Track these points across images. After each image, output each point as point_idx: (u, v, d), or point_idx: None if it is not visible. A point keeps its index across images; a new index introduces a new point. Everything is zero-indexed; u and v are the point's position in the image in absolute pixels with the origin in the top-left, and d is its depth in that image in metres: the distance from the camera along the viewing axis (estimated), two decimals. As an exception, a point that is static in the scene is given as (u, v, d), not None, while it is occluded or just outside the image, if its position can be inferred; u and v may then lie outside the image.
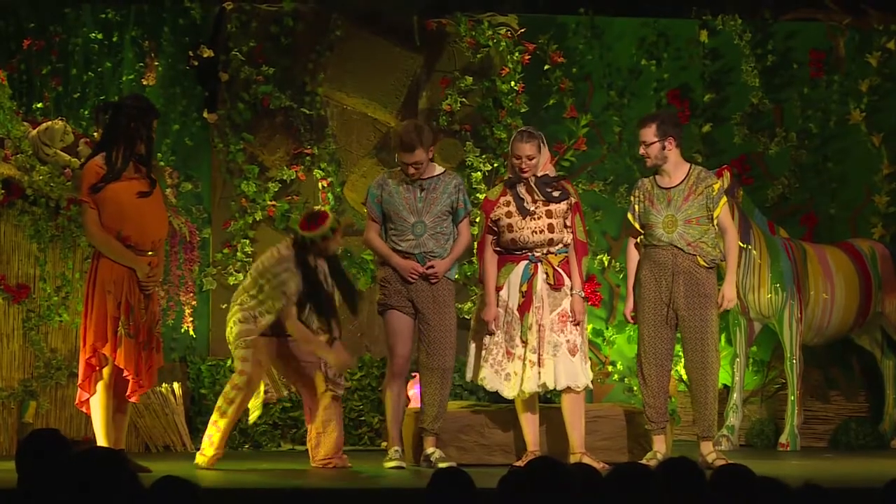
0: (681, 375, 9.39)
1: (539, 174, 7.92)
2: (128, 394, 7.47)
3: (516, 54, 9.85)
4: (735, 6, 10.18)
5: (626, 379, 9.75)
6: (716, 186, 8.01)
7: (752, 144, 10.18)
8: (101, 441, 7.41)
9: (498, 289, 7.93)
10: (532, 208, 7.89)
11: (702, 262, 7.95)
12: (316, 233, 7.83)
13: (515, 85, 9.83)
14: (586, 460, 7.53)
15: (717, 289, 8.03)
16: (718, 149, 10.13)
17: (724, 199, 8.06)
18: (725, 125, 10.17)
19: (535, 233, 7.88)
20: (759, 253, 9.52)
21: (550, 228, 7.87)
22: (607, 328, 9.93)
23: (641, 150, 8.06)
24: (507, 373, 7.90)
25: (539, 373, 7.80)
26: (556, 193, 7.90)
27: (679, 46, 10.18)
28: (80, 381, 7.44)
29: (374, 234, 8.08)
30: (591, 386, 8.00)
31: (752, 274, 9.51)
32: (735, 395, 9.57)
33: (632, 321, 8.12)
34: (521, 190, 7.94)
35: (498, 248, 7.98)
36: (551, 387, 7.82)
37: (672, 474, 4.31)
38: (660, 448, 7.98)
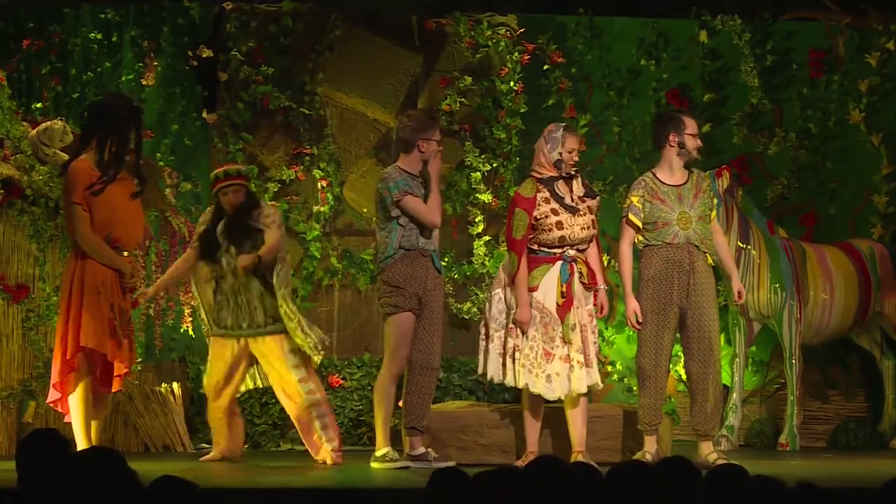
0: (681, 375, 9.39)
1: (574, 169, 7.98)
2: (113, 389, 7.53)
3: (515, 54, 9.86)
4: (734, 6, 10.19)
5: (625, 379, 9.75)
6: (710, 188, 8.18)
7: (751, 144, 10.18)
8: (81, 441, 7.39)
9: (531, 289, 7.88)
10: (578, 205, 7.91)
11: (710, 261, 8.03)
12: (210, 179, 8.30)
13: (515, 85, 9.83)
14: (581, 459, 7.53)
15: (716, 287, 8.08)
16: (718, 149, 10.13)
17: (716, 201, 8.21)
18: (725, 125, 10.17)
19: (584, 229, 7.89)
20: (758, 253, 9.53)
21: (594, 224, 7.92)
22: (606, 328, 9.92)
23: (698, 142, 8.12)
24: (549, 374, 7.81)
25: (588, 373, 7.81)
26: (593, 188, 8.05)
27: (678, 46, 10.19)
28: (55, 381, 7.43)
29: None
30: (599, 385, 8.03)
31: (752, 274, 9.51)
32: (734, 395, 9.58)
33: (636, 327, 8.05)
34: (559, 187, 7.91)
35: (532, 247, 7.92)
36: (600, 387, 7.92)
37: (669, 474, 4.32)
38: (650, 448, 7.98)
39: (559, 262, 7.84)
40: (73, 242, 7.47)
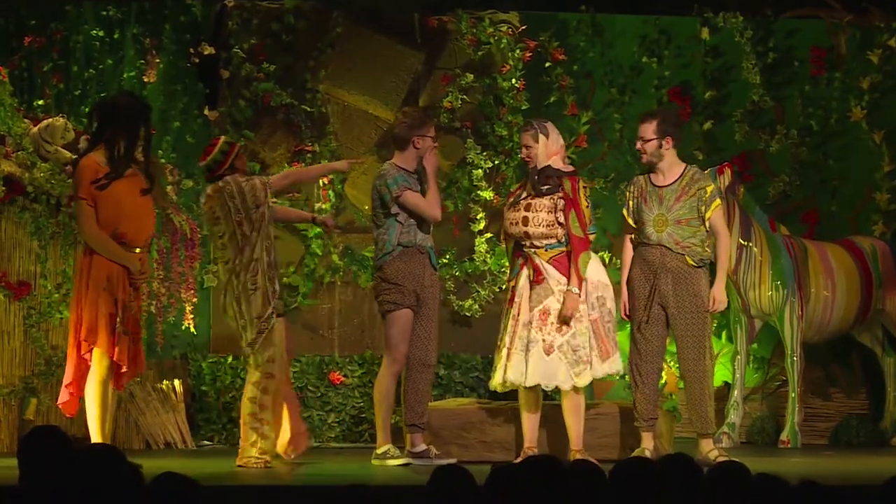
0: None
1: (542, 165, 7.92)
2: (114, 386, 7.52)
3: (517, 51, 9.86)
4: (736, 4, 10.19)
5: (626, 376, 9.74)
6: (709, 189, 7.98)
7: (752, 142, 10.18)
8: (96, 436, 7.40)
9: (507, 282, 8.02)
10: (520, 200, 7.91)
11: (690, 262, 7.93)
12: (208, 159, 7.84)
13: (516, 82, 9.84)
14: (578, 457, 7.51)
15: (707, 287, 8.01)
16: (719, 146, 10.14)
17: (718, 201, 8.01)
18: (726, 122, 10.17)
19: (512, 224, 7.90)
20: (759, 250, 9.53)
21: (525, 221, 7.85)
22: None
23: (638, 145, 8.06)
24: (496, 366, 7.94)
25: (506, 367, 7.82)
26: (544, 187, 7.89)
27: (680, 44, 10.19)
28: (67, 381, 7.40)
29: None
30: (567, 386, 7.82)
31: (753, 271, 9.51)
32: (736, 393, 9.58)
33: (625, 318, 8.10)
34: (531, 181, 7.97)
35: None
36: (517, 382, 7.79)
37: (671, 471, 4.32)
38: (647, 445, 7.98)
39: (520, 257, 7.91)
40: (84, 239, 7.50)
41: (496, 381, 7.92)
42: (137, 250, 7.52)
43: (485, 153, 9.85)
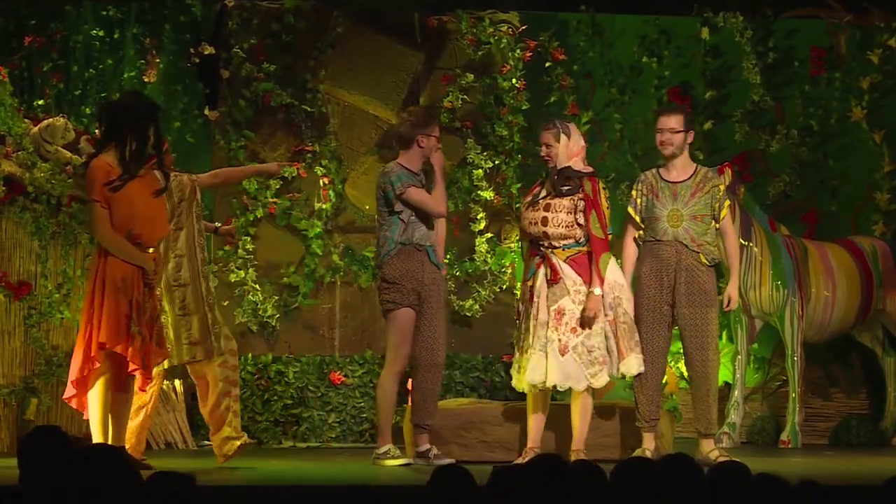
0: (682, 372, 9.39)
1: (563, 165, 7.91)
2: (139, 387, 7.47)
3: (517, 51, 9.86)
4: (736, 3, 10.19)
5: (627, 376, 9.74)
6: (721, 188, 8.02)
7: (753, 142, 10.18)
8: (97, 437, 7.40)
9: (524, 282, 7.99)
10: (539, 200, 7.90)
11: (704, 260, 7.93)
12: None
13: (517, 82, 9.84)
14: (578, 458, 7.50)
15: (716, 287, 8.03)
16: (719, 146, 10.14)
17: (728, 202, 8.04)
18: (726, 122, 10.18)
19: (531, 224, 7.89)
20: (760, 250, 9.53)
21: (544, 221, 7.85)
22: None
23: (665, 137, 7.95)
24: (519, 366, 7.90)
25: (533, 369, 7.82)
26: (564, 188, 7.88)
27: (680, 44, 10.19)
28: (72, 378, 7.41)
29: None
30: (581, 387, 7.82)
31: (754, 271, 9.51)
32: (736, 393, 9.58)
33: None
34: (550, 181, 7.96)
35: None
36: (536, 382, 7.79)
37: (671, 471, 4.32)
38: (649, 445, 7.97)
39: (537, 257, 7.90)
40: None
41: (523, 383, 7.87)
42: (151, 250, 7.52)
43: (485, 153, 9.85)
